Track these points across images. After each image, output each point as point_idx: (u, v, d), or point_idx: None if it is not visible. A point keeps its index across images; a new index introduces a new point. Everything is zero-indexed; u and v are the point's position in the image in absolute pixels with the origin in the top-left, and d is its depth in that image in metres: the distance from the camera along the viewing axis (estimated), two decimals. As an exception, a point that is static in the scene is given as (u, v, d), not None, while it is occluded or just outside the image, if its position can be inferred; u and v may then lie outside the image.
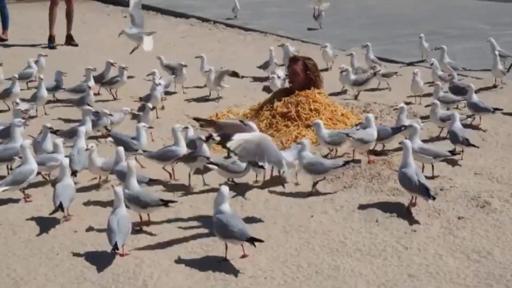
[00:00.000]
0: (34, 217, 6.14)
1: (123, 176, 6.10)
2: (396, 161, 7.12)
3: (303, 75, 8.59)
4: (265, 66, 11.12)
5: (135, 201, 5.77)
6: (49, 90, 9.52)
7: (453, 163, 7.13)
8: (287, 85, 9.21)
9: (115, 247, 5.24)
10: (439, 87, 8.76)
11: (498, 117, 8.63)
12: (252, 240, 5.16)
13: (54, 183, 6.42)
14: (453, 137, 7.31)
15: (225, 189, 5.33)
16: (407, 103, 8.77)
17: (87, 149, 6.76)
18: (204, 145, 6.68)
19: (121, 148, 6.58)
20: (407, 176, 6.07)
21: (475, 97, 8.40)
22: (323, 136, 7.25)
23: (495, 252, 5.33)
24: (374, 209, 6.09)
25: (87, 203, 6.43)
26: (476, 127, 8.27)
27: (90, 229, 5.86)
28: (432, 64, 10.01)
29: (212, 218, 5.34)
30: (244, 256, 5.33)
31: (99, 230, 5.80)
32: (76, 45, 14.72)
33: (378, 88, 10.31)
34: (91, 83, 9.57)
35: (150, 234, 5.76)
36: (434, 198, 6.01)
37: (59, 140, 6.88)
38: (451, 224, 5.80)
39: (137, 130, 7.33)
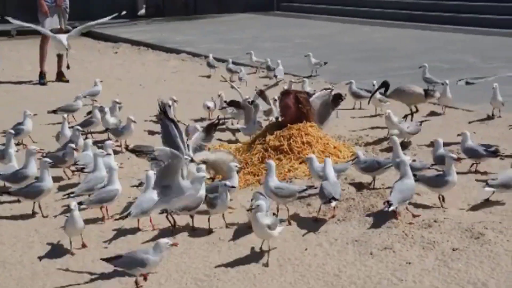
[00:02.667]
0: (26, 254, 6.08)
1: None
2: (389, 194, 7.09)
3: (295, 108, 8.63)
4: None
5: None
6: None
7: (447, 194, 7.11)
8: None
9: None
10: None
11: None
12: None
13: None
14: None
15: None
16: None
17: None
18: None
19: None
20: (322, 187, 6.59)
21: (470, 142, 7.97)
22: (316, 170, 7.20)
23: (490, 284, 5.30)
24: (369, 241, 6.07)
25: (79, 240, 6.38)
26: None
27: (83, 266, 5.81)
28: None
29: None
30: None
31: (93, 268, 5.74)
32: (67, 81, 14.75)
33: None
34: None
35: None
36: (329, 201, 6.42)
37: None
38: (446, 256, 5.77)
39: None
